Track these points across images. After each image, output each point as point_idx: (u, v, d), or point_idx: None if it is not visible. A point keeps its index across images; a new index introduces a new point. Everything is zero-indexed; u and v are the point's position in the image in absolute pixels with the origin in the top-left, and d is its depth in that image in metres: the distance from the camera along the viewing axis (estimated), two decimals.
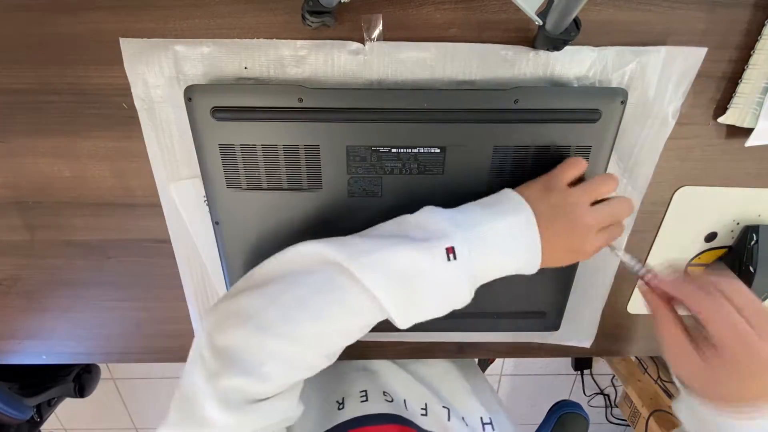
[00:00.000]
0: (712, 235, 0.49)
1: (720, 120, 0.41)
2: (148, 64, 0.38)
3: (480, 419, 0.49)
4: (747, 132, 0.41)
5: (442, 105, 0.38)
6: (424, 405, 0.49)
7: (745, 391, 0.30)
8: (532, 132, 0.39)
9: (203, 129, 0.39)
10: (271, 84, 0.39)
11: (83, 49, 0.38)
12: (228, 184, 0.41)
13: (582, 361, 1.57)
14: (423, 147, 0.40)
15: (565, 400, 0.70)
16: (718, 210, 0.47)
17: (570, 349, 0.57)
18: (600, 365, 1.59)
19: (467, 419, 0.49)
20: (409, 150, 0.40)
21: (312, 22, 0.35)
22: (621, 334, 0.56)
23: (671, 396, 1.14)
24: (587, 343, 0.56)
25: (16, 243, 0.48)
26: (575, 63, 0.39)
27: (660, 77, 0.40)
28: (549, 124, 0.39)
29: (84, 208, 0.46)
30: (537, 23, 0.33)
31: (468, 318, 0.50)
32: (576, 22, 0.34)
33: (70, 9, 0.37)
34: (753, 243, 0.47)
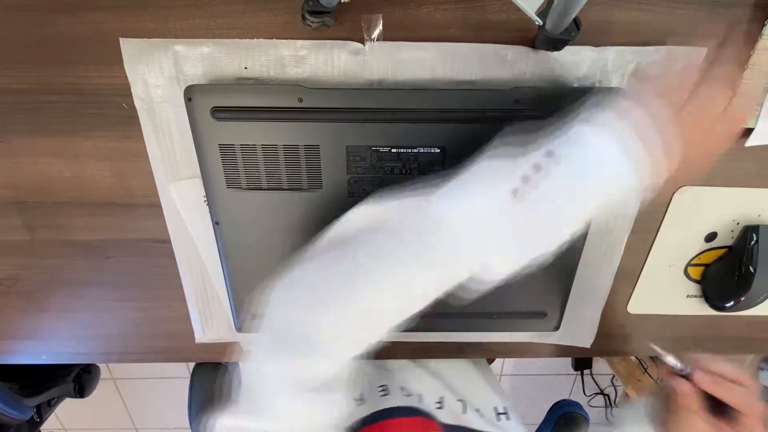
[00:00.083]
0: (712, 235, 0.49)
1: None
2: (148, 64, 0.38)
3: (494, 409, 0.50)
4: (747, 132, 0.41)
5: (442, 105, 0.38)
6: (439, 399, 0.49)
7: None
8: None
9: (203, 129, 0.39)
10: (271, 84, 0.39)
11: (83, 49, 0.38)
12: (228, 184, 0.41)
13: (582, 361, 1.57)
14: (423, 147, 0.40)
15: (565, 399, 0.70)
16: (718, 210, 0.47)
17: (570, 349, 0.57)
18: (600, 365, 1.58)
19: (482, 411, 0.49)
20: (409, 150, 0.40)
21: (312, 22, 0.35)
22: (621, 334, 0.56)
23: None
24: (587, 343, 0.56)
25: (16, 243, 0.48)
26: (575, 63, 0.39)
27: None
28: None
29: (84, 208, 0.46)
30: (537, 23, 0.33)
31: (468, 318, 0.50)
32: (576, 22, 0.34)
33: (70, 9, 0.37)
34: (753, 243, 0.47)
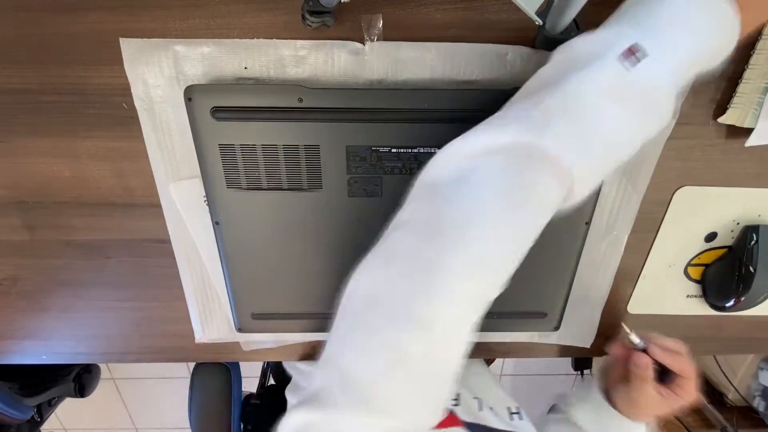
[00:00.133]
0: (712, 235, 0.49)
1: (720, 120, 0.41)
2: (148, 64, 0.38)
3: (507, 409, 0.50)
4: (747, 132, 0.41)
5: (442, 105, 0.38)
6: (456, 395, 0.49)
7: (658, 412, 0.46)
8: None
9: (203, 129, 0.39)
10: (271, 84, 0.39)
11: (83, 49, 0.38)
12: (228, 184, 0.41)
13: (582, 361, 1.57)
14: (423, 147, 0.40)
15: None
16: (718, 210, 0.47)
17: (570, 349, 0.57)
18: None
19: (495, 409, 0.49)
20: (409, 150, 0.40)
21: (312, 22, 0.35)
22: (621, 334, 0.56)
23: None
24: (587, 343, 0.56)
25: (16, 243, 0.48)
26: None
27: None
28: None
29: (84, 208, 0.46)
30: (537, 23, 0.33)
31: None
32: (576, 22, 0.34)
33: (70, 9, 0.37)
34: (753, 243, 0.47)
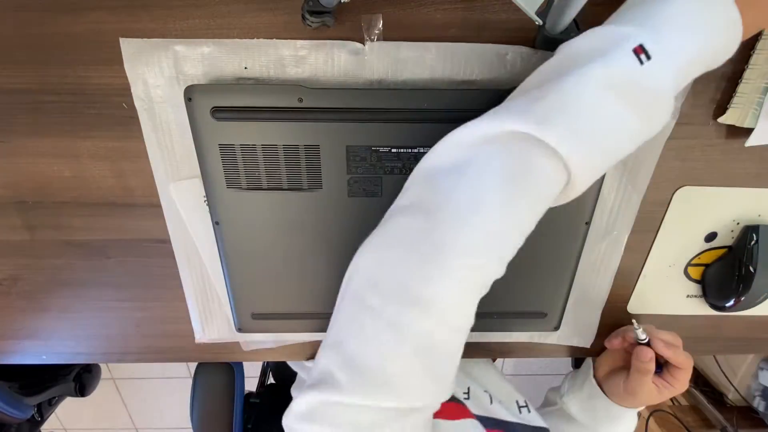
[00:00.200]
0: (712, 235, 0.49)
1: (720, 120, 0.41)
2: (148, 64, 0.38)
3: (516, 402, 0.50)
4: (747, 132, 0.41)
5: (442, 105, 0.38)
6: (466, 389, 0.49)
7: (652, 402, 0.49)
8: None
9: (203, 129, 0.39)
10: (271, 84, 0.39)
11: (83, 49, 0.38)
12: (228, 184, 0.41)
13: (582, 361, 1.57)
14: (423, 147, 0.40)
15: None
16: (718, 210, 0.47)
17: (570, 349, 0.57)
18: None
19: (504, 403, 0.49)
20: (409, 150, 0.40)
21: (312, 22, 0.35)
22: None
23: (671, 397, 1.14)
24: (587, 343, 0.56)
25: (16, 243, 0.48)
26: None
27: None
28: None
29: (84, 208, 0.46)
30: (537, 23, 0.33)
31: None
32: (576, 22, 0.34)
33: (70, 9, 0.37)
34: (753, 243, 0.47)
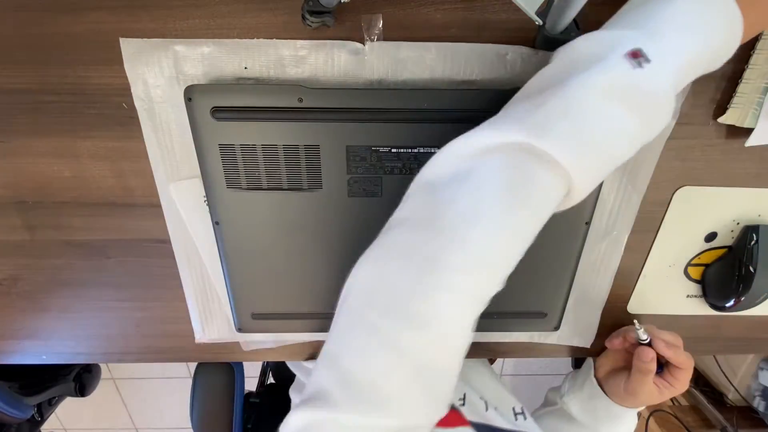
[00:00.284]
0: (712, 235, 0.49)
1: (720, 120, 0.41)
2: (148, 64, 0.38)
3: (512, 409, 0.50)
4: (747, 132, 0.41)
5: (442, 105, 0.38)
6: (462, 395, 0.49)
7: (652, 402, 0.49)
8: None
9: (203, 129, 0.39)
10: (271, 84, 0.39)
11: (83, 49, 0.38)
12: (228, 184, 0.41)
13: (582, 361, 1.57)
14: (423, 147, 0.40)
15: None
16: (718, 210, 0.47)
17: (570, 349, 0.57)
18: None
19: (500, 409, 0.49)
20: (409, 150, 0.40)
21: (312, 22, 0.35)
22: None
23: (671, 397, 1.14)
24: (587, 343, 0.56)
25: (16, 243, 0.48)
26: None
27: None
28: None
29: (84, 208, 0.46)
30: (537, 23, 0.33)
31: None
32: (576, 22, 0.34)
33: (70, 9, 0.37)
34: (753, 243, 0.47)
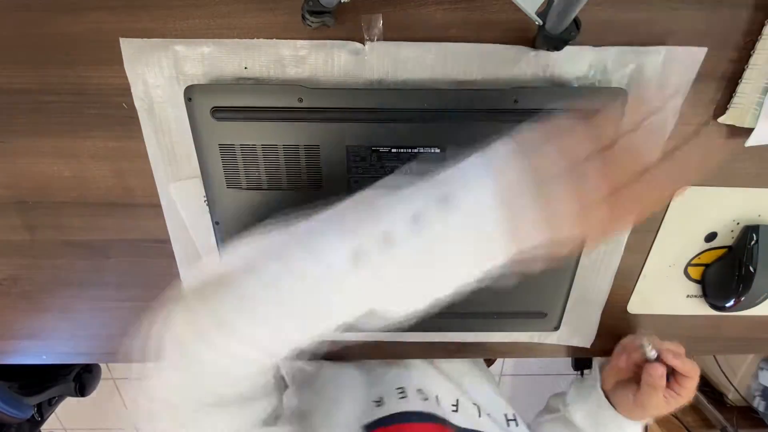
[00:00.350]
0: (712, 235, 0.49)
1: (720, 120, 0.41)
2: (148, 64, 0.38)
3: (504, 416, 0.50)
4: (747, 132, 0.41)
5: (442, 105, 0.38)
6: (455, 401, 0.49)
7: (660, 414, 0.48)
8: None
9: (203, 129, 0.39)
10: (271, 84, 0.39)
11: (83, 49, 0.38)
12: (228, 184, 0.41)
13: (582, 361, 1.57)
14: (423, 147, 0.40)
15: None
16: (718, 210, 0.47)
17: (570, 349, 0.57)
18: None
19: (493, 415, 0.49)
20: (409, 150, 0.40)
21: (312, 22, 0.35)
22: (621, 334, 0.56)
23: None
24: (587, 343, 0.56)
25: (16, 243, 0.48)
26: (575, 63, 0.39)
27: (660, 77, 0.40)
28: None
29: (84, 208, 0.46)
30: (537, 23, 0.33)
31: (468, 318, 0.50)
32: (576, 22, 0.34)
33: (70, 9, 0.37)
34: (753, 243, 0.47)
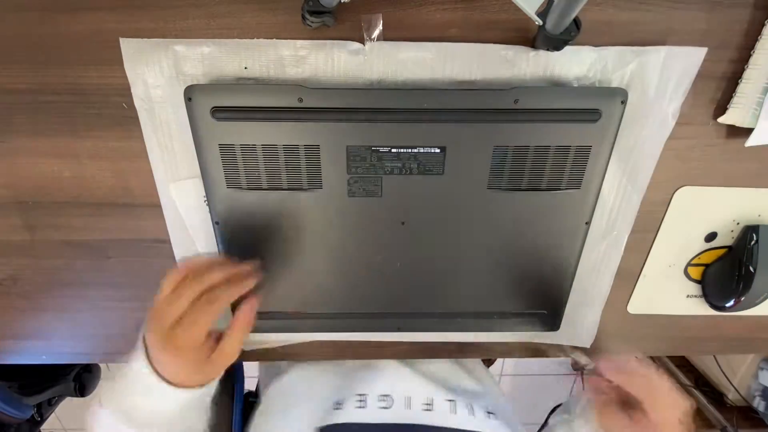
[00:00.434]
0: (712, 235, 0.49)
1: (720, 120, 0.41)
2: (148, 64, 0.38)
3: (484, 408, 0.50)
4: (747, 132, 0.41)
5: (442, 105, 0.38)
6: (429, 400, 0.49)
7: None
8: (532, 132, 0.39)
9: (203, 129, 0.39)
10: (271, 84, 0.39)
11: (83, 49, 0.38)
12: (228, 184, 0.41)
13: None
14: (423, 147, 0.40)
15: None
16: (718, 210, 0.47)
17: (570, 350, 0.57)
18: None
19: (471, 409, 0.49)
20: (409, 150, 0.40)
21: (312, 22, 0.35)
22: (621, 334, 0.56)
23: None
24: (587, 343, 0.56)
25: (16, 243, 0.48)
26: (575, 63, 0.39)
27: (660, 77, 0.40)
28: (549, 124, 0.39)
29: (84, 208, 0.46)
30: (537, 23, 0.33)
31: (468, 318, 0.50)
32: (576, 22, 0.34)
33: (70, 9, 0.37)
34: (753, 243, 0.47)
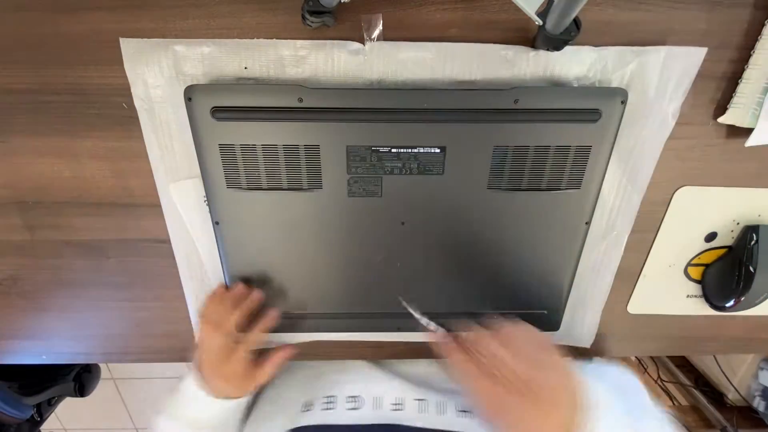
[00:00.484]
0: (712, 235, 0.49)
1: (720, 120, 0.41)
2: (148, 64, 0.38)
3: (454, 407, 0.50)
4: (747, 132, 0.41)
5: (442, 105, 0.38)
6: (400, 400, 0.49)
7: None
8: (532, 132, 0.39)
9: (203, 129, 0.39)
10: (271, 84, 0.39)
11: (83, 49, 0.38)
12: (228, 184, 0.41)
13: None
14: (423, 147, 0.40)
15: None
16: (718, 210, 0.47)
17: (570, 349, 0.57)
18: None
19: (442, 408, 0.49)
20: (409, 150, 0.40)
21: (312, 22, 0.35)
22: (621, 334, 0.56)
23: (672, 396, 1.14)
24: (587, 343, 0.56)
25: (16, 243, 0.48)
26: (575, 63, 0.39)
27: (660, 77, 0.40)
28: (549, 124, 0.39)
29: (84, 208, 0.46)
30: (537, 23, 0.33)
31: (468, 318, 0.50)
32: (576, 22, 0.34)
33: (70, 9, 0.37)
34: (753, 243, 0.47)
